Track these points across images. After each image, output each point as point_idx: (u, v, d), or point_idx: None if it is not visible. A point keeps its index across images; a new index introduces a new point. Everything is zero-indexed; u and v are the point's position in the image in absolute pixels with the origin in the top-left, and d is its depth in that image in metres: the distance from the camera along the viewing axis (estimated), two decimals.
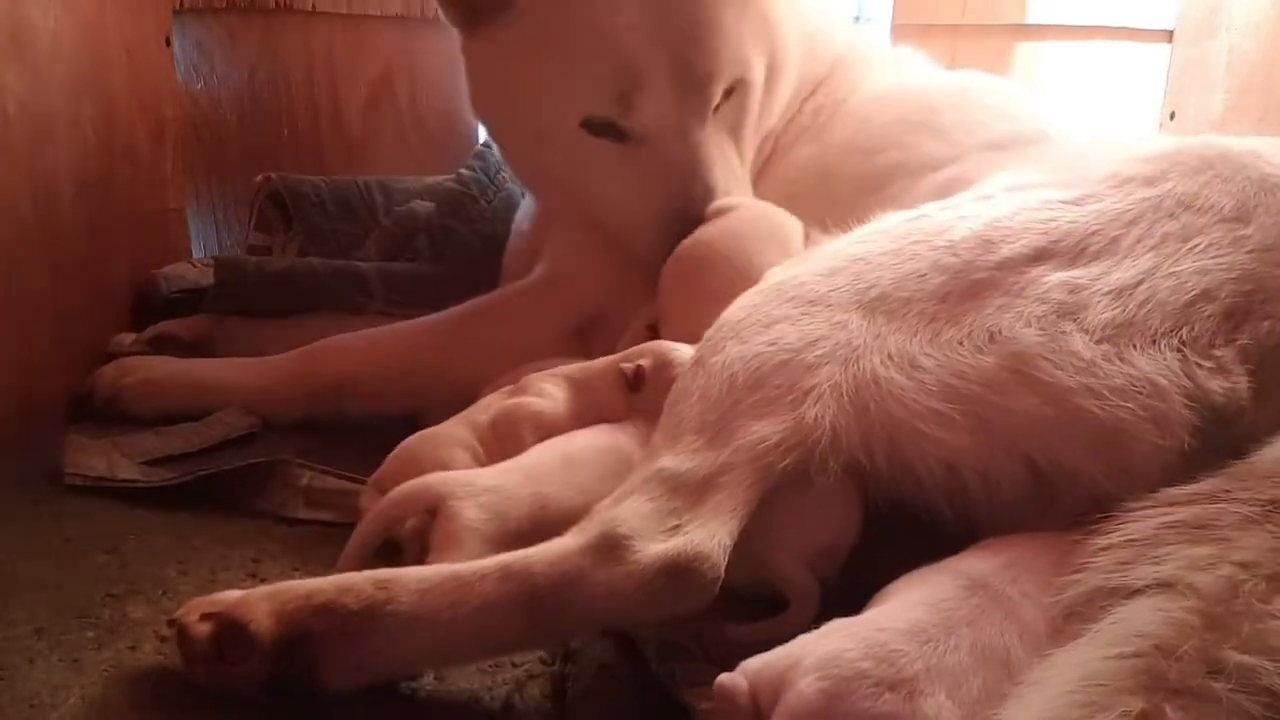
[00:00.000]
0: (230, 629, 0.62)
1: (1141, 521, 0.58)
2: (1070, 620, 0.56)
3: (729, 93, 1.12)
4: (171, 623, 0.64)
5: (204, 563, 0.83)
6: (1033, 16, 1.91)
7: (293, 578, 0.81)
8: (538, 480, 0.80)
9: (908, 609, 0.60)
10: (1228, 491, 0.57)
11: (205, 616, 0.63)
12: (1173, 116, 1.84)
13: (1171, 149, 0.81)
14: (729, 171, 1.13)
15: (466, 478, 0.79)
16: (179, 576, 0.81)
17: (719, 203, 1.09)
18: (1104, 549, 0.58)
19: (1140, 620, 0.50)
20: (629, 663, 0.69)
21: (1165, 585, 0.52)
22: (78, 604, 0.75)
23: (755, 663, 0.57)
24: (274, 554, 0.86)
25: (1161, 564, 0.54)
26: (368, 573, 0.65)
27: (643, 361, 0.91)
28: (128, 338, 1.32)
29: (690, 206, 1.08)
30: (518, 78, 1.14)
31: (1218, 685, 0.46)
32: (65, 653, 0.69)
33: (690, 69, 1.08)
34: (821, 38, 1.29)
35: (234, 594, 0.64)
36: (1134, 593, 0.53)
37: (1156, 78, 1.88)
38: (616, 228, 1.15)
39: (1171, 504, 0.58)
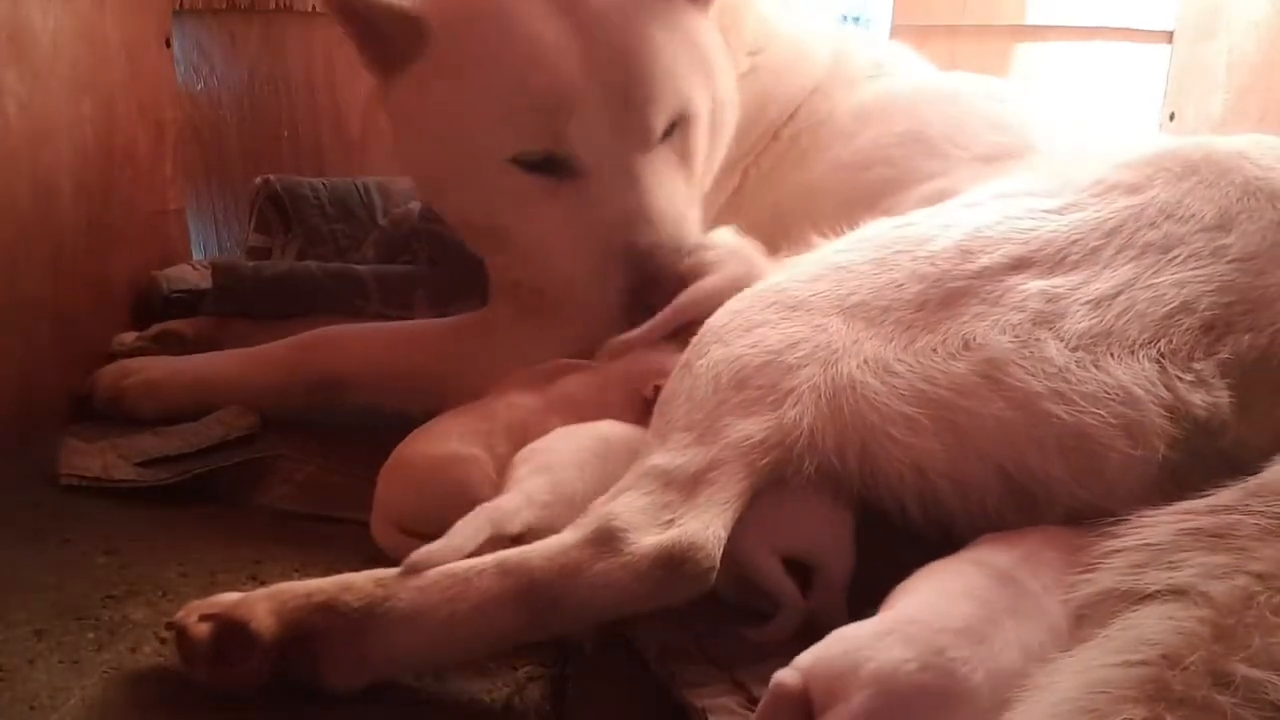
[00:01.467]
0: (231, 628, 0.62)
1: (1158, 526, 0.57)
2: (1080, 622, 0.56)
3: (671, 128, 1.06)
4: (170, 625, 0.64)
5: (204, 564, 0.83)
6: (1033, 17, 1.91)
7: (293, 579, 0.80)
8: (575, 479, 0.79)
9: (954, 603, 0.59)
10: (1247, 504, 0.57)
11: (205, 617, 0.63)
12: (1172, 117, 1.84)
13: (1157, 153, 0.80)
14: (675, 200, 1.05)
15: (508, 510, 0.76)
16: (179, 578, 0.81)
17: (695, 256, 0.99)
18: (1118, 550, 0.57)
19: (1149, 628, 0.50)
20: (629, 664, 0.69)
21: (1178, 592, 0.52)
22: (77, 605, 0.75)
23: (807, 658, 0.56)
24: (274, 555, 0.85)
25: (1176, 570, 0.53)
26: (367, 572, 0.66)
27: (661, 383, 0.90)
28: (129, 336, 1.32)
29: (636, 240, 1.00)
30: (440, 118, 1.06)
31: (1223, 698, 0.46)
32: (65, 654, 0.69)
33: (627, 95, 1.01)
34: (795, 68, 1.24)
35: (233, 595, 0.65)
36: (1145, 598, 0.53)
37: (1156, 78, 1.88)
38: (558, 277, 1.06)
39: (1189, 512, 0.58)
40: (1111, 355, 0.67)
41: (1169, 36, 1.86)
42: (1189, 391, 0.66)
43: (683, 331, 0.97)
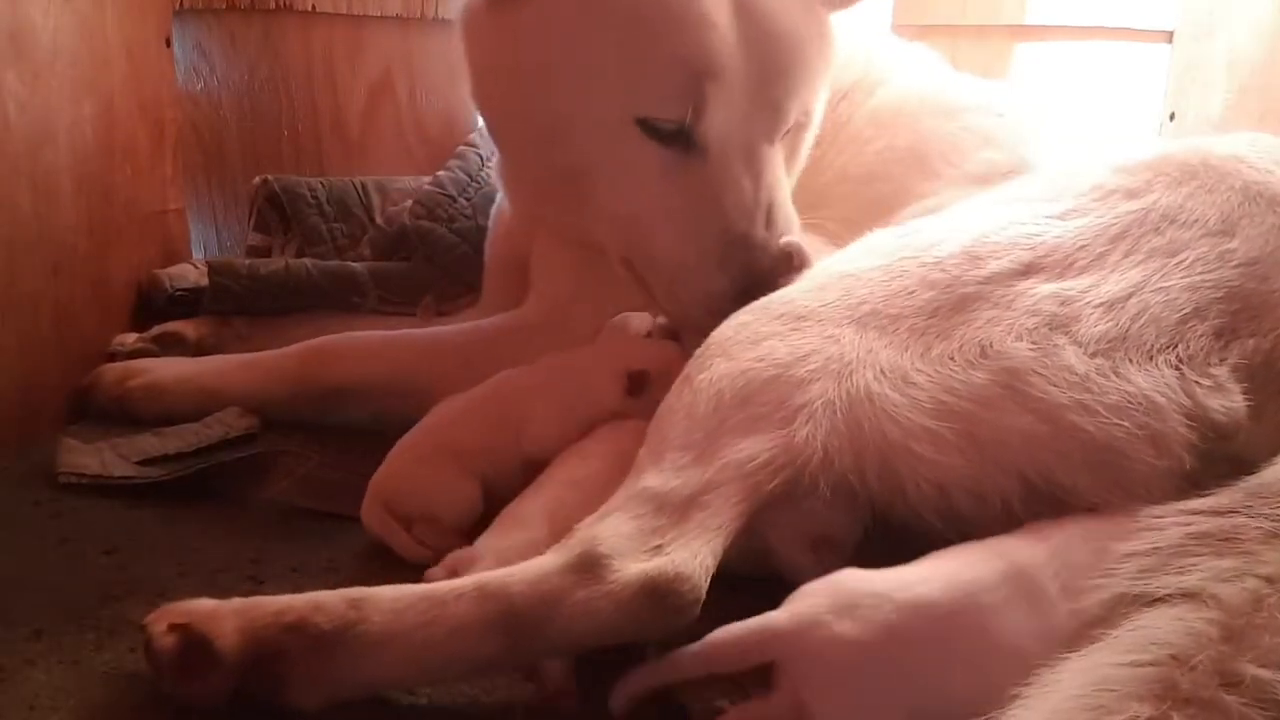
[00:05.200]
0: (195, 644, 0.61)
1: (1166, 530, 0.57)
2: (1092, 625, 0.55)
3: (788, 129, 1.02)
4: (142, 627, 0.63)
5: (203, 563, 0.83)
6: (1033, 16, 1.91)
7: (291, 579, 0.81)
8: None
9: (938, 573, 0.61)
10: (1249, 506, 0.57)
11: (173, 627, 0.62)
12: (1173, 117, 1.84)
13: (1154, 158, 0.80)
14: (788, 201, 1.00)
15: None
16: (178, 577, 0.81)
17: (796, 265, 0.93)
18: (1129, 555, 0.57)
19: (1159, 629, 0.50)
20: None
21: (1188, 596, 0.52)
22: (77, 605, 0.75)
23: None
24: (273, 554, 0.85)
25: (1186, 574, 0.53)
26: (341, 591, 0.64)
27: (641, 367, 0.90)
28: (130, 337, 1.32)
29: (754, 234, 0.95)
30: (567, 58, 0.96)
31: (1230, 697, 0.46)
32: (64, 654, 0.69)
33: (770, 82, 0.96)
34: (837, 75, 1.20)
35: (206, 604, 0.63)
36: (1156, 601, 0.53)
37: (1156, 78, 1.87)
38: (664, 255, 0.98)
39: (1194, 513, 0.58)
40: (1131, 361, 0.67)
41: (1169, 36, 1.86)
42: (1208, 397, 0.66)
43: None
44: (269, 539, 0.88)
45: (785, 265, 0.93)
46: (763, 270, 0.93)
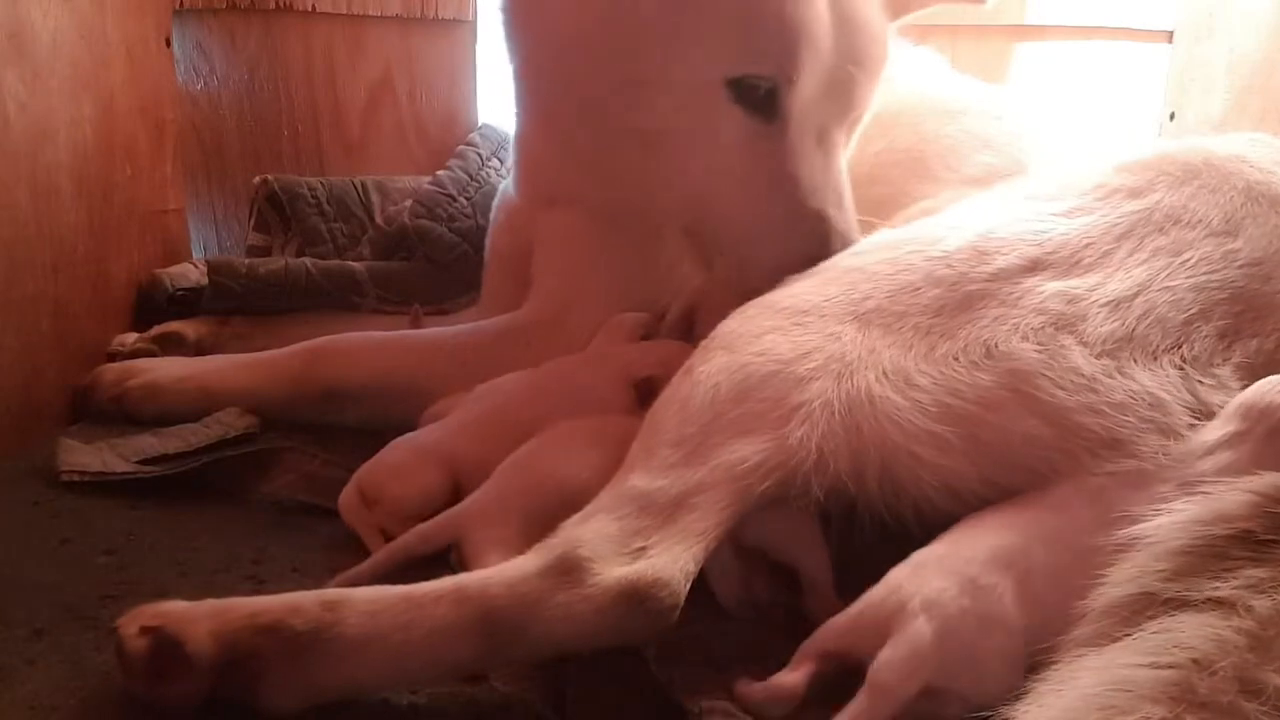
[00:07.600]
0: (167, 646, 0.60)
1: (1214, 525, 0.56)
2: (1108, 617, 0.55)
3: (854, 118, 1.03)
4: (113, 630, 0.62)
5: (203, 564, 0.83)
6: (1033, 16, 1.91)
7: (292, 579, 0.81)
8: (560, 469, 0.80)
9: (985, 534, 0.64)
10: None
11: (145, 630, 0.61)
12: (1172, 117, 1.84)
13: (1155, 157, 0.80)
14: (849, 189, 1.01)
15: (481, 513, 0.78)
16: (178, 578, 0.81)
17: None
18: (1162, 552, 0.56)
19: (1184, 634, 0.50)
20: (629, 664, 0.69)
21: (1220, 603, 0.51)
22: (77, 605, 0.75)
23: (845, 617, 0.61)
24: (274, 555, 0.85)
25: (1221, 580, 0.53)
26: (316, 593, 0.63)
27: (654, 373, 0.89)
28: (130, 337, 1.32)
29: (827, 211, 0.95)
30: (651, 17, 0.94)
31: (1249, 705, 0.45)
32: (64, 654, 0.69)
33: (851, 68, 0.96)
34: None
35: (178, 606, 0.62)
36: (1185, 605, 0.52)
37: (1156, 78, 1.88)
38: (737, 220, 0.98)
39: (1245, 491, 0.56)
40: (1135, 361, 0.67)
41: (1169, 36, 1.86)
42: (1211, 395, 0.66)
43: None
44: (269, 539, 0.88)
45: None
46: (833, 248, 0.92)
